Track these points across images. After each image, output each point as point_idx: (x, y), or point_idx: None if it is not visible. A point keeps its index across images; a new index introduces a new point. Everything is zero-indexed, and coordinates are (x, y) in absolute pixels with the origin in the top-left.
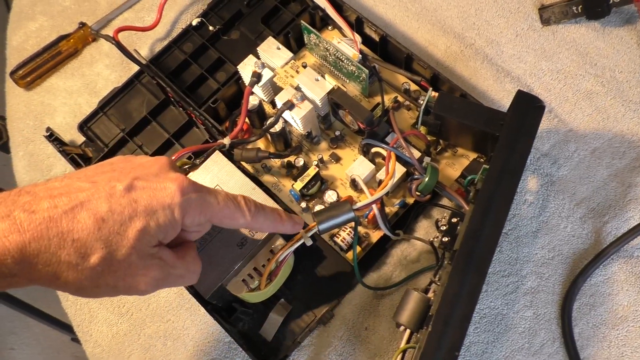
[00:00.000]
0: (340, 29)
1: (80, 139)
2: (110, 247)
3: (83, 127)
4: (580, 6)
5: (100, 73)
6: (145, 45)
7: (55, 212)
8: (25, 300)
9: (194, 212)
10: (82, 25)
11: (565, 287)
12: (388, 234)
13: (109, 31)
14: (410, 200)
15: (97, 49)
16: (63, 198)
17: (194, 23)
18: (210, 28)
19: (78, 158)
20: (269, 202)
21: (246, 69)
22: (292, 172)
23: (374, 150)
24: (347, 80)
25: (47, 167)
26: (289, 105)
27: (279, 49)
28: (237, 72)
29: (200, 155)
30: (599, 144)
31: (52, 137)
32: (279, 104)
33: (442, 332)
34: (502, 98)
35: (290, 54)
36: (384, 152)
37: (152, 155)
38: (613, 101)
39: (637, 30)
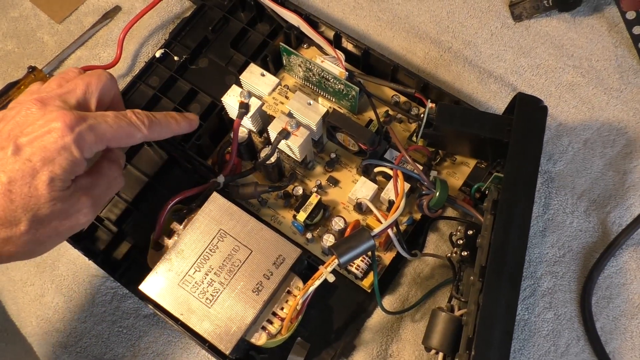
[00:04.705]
0: (319, 47)
1: None
2: (32, 209)
3: None
4: None
5: None
6: None
7: None
8: None
9: (90, 143)
10: (33, 69)
11: (580, 283)
12: (406, 255)
13: None
14: (418, 216)
15: None
16: None
17: (158, 55)
18: (176, 58)
19: None
20: (278, 240)
21: (230, 99)
22: (291, 202)
23: (377, 169)
24: (334, 99)
25: None
26: (285, 134)
27: (263, 75)
28: (213, 103)
29: (194, 198)
30: (589, 134)
31: None
32: (273, 135)
33: (486, 355)
34: (489, 99)
35: (277, 80)
36: (388, 171)
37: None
38: (595, 90)
39: (605, 17)
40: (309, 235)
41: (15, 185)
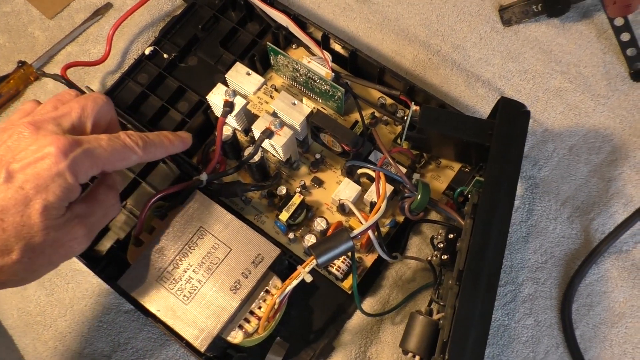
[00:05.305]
0: (307, 48)
1: None
2: (24, 238)
3: None
4: (540, 4)
5: None
6: (95, 80)
7: None
8: None
9: (85, 168)
10: (22, 64)
11: (561, 289)
12: (386, 257)
13: (52, 68)
14: (400, 219)
15: (41, 88)
16: None
17: (147, 52)
18: (165, 56)
19: None
20: (258, 239)
21: (216, 98)
22: (274, 201)
23: (360, 171)
24: (320, 100)
25: None
26: (268, 134)
27: (249, 74)
28: (200, 101)
29: (176, 195)
30: (575, 140)
31: None
32: (257, 134)
33: (460, 358)
34: (476, 103)
35: (262, 79)
36: (371, 172)
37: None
38: (582, 96)
39: (594, 24)
40: (291, 236)
41: (7, 214)
